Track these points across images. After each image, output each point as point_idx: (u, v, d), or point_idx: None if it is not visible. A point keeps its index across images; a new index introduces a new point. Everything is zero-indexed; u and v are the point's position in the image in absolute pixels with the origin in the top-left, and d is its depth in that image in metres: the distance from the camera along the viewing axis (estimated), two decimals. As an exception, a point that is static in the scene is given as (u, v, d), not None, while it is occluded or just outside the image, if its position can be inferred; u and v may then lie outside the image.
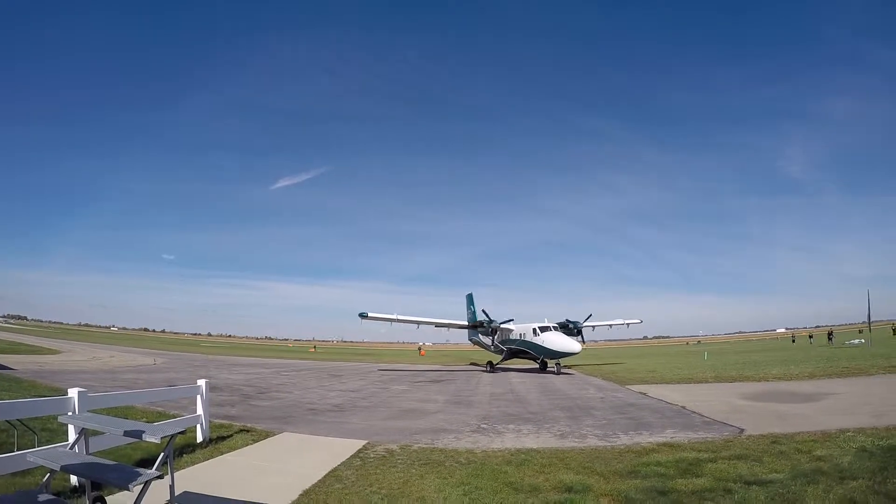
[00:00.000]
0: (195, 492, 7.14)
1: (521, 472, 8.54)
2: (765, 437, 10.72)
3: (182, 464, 8.70)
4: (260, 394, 20.58)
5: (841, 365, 27.16)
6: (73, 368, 28.50)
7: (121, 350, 55.61)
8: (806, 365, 29.20)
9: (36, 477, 6.82)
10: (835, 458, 8.62)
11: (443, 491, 7.46)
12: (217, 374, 29.47)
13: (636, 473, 8.31)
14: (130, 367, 32.26)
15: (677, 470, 8.38)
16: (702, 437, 11.28)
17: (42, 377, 21.10)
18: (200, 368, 34.18)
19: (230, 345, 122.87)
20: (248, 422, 13.44)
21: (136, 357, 43.80)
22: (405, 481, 8.02)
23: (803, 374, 23.92)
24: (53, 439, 8.29)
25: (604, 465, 8.96)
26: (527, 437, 12.22)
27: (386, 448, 10.55)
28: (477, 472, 8.61)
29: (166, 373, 29.53)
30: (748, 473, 7.99)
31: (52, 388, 16.99)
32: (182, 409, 13.80)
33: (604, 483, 7.78)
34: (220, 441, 10.85)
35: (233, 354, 63.35)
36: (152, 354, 49.13)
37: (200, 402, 11.08)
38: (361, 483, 7.88)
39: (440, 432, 12.74)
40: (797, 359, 36.44)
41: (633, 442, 11.14)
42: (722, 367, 33.92)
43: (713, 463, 8.75)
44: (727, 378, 25.13)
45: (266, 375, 31.12)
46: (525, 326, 40.33)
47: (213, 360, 48.33)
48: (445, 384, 27.26)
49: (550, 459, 9.47)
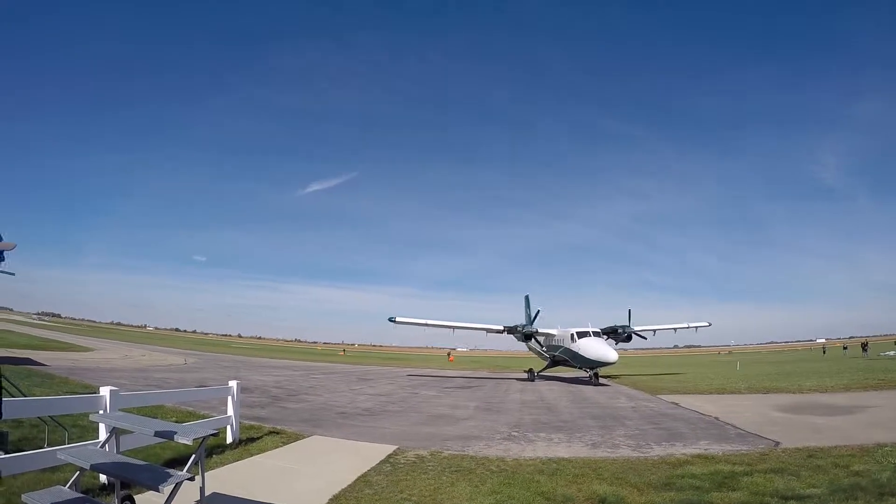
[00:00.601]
0: (224, 493, 7.17)
1: (553, 482, 8.44)
2: (801, 451, 10.46)
3: (211, 465, 8.73)
4: (290, 396, 20.70)
5: (877, 377, 26.57)
6: (105, 366, 28.97)
7: (152, 349, 56.40)
8: (841, 377, 28.62)
9: (66, 473, 6.86)
10: (873, 473, 8.39)
11: (474, 499, 7.40)
12: (247, 376, 29.70)
13: (671, 486, 8.16)
14: (162, 367, 32.70)
15: (713, 483, 8.21)
16: (736, 450, 11.06)
17: (74, 374, 21.43)
18: (230, 369, 34.52)
19: (260, 346, 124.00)
20: (277, 424, 13.49)
21: (167, 356, 44.40)
22: (436, 488, 7.96)
23: (838, 387, 23.42)
24: (85, 436, 8.38)
25: (637, 476, 8.82)
26: (558, 445, 12.11)
27: (416, 454, 10.50)
28: (508, 480, 8.53)
29: (197, 373, 29.90)
30: (785, 488, 7.79)
31: (84, 386, 17.24)
32: (212, 409, 13.89)
33: (638, 495, 7.65)
34: (250, 443, 10.90)
35: (262, 356, 63.87)
36: (183, 354, 49.78)
37: (231, 404, 11.14)
38: (392, 489, 7.84)
39: (471, 439, 12.69)
40: (832, 370, 35.74)
41: (666, 453, 10.96)
42: (755, 377, 33.39)
43: (749, 476, 8.55)
44: (760, 389, 24.70)
45: (295, 378, 31.32)
46: (565, 332, 37.69)
47: (243, 361, 48.80)
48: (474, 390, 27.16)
49: (583, 469, 9.35)
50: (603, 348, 34.93)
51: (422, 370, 48.86)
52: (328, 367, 46.03)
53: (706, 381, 32.53)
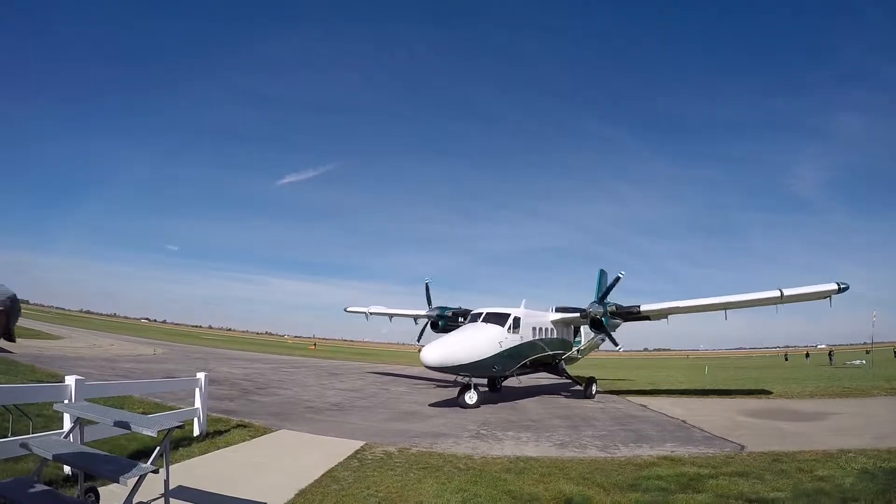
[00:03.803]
0: (190, 486, 7.07)
1: (520, 481, 8.46)
2: (766, 455, 10.61)
3: (178, 457, 8.63)
4: (259, 389, 20.54)
5: (842, 385, 27.04)
6: (72, 355, 28.51)
7: (121, 339, 55.60)
8: (807, 384, 29.10)
9: (29, 464, 6.75)
10: (837, 478, 8.53)
11: (441, 497, 7.38)
12: (216, 368, 29.42)
13: (637, 487, 8.21)
14: (130, 357, 32.25)
15: (678, 485, 8.29)
16: (702, 452, 11.19)
17: (41, 362, 21.05)
18: (199, 360, 34.13)
19: (229, 338, 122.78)
20: (246, 417, 13.38)
21: (136, 346, 43.78)
22: (403, 485, 7.94)
23: (804, 393, 23.80)
24: (50, 426, 8.22)
25: (604, 476, 8.86)
26: (526, 444, 12.17)
27: (384, 450, 10.48)
28: (476, 478, 8.53)
29: (165, 363, 29.54)
30: (750, 491, 7.89)
31: (50, 374, 16.95)
32: (180, 400, 13.73)
33: (604, 495, 7.69)
34: (217, 436, 10.79)
35: (232, 348, 63.30)
36: (152, 344, 49.10)
37: (199, 396, 11.00)
38: (359, 485, 7.80)
39: (439, 436, 12.69)
40: (798, 377, 36.32)
41: (633, 454, 11.06)
42: (722, 381, 33.89)
43: (714, 479, 8.65)
44: (727, 394, 25.05)
45: (265, 371, 31.08)
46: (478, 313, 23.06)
47: (213, 352, 48.31)
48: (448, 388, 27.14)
49: (550, 469, 9.39)
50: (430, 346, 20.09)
51: (392, 366, 48.73)
52: (298, 361, 45.75)
53: (674, 384, 32.90)
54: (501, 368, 21.45)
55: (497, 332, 20.90)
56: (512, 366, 21.92)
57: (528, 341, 22.40)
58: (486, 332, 20.91)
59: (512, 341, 21.24)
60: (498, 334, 20.83)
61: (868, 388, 24.54)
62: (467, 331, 21.41)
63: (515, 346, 21.49)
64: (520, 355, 22.01)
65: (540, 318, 23.81)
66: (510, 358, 21.43)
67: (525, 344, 22.10)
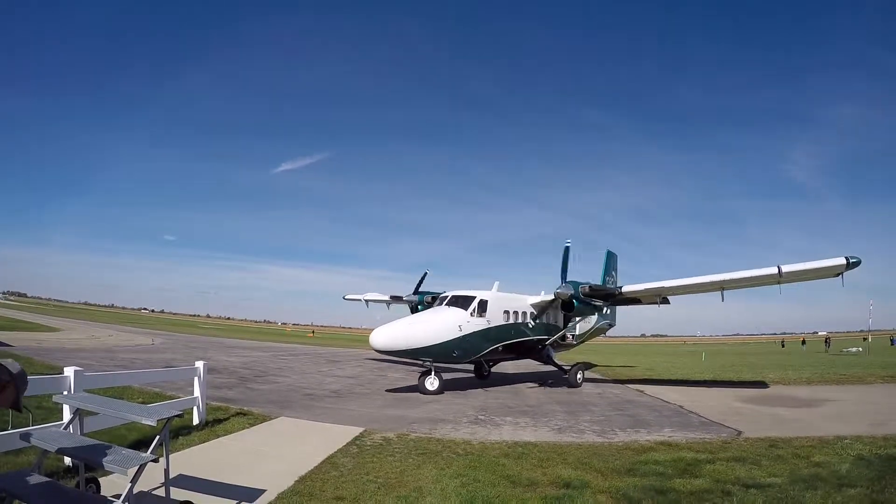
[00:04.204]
0: (190, 475, 7.11)
1: (518, 466, 8.52)
2: (763, 441, 10.68)
3: (178, 446, 8.65)
4: (257, 377, 20.57)
5: (839, 372, 27.25)
6: (71, 346, 28.50)
7: (120, 329, 55.64)
8: (804, 370, 29.27)
9: (29, 456, 6.77)
10: (833, 464, 8.60)
11: (440, 482, 7.41)
12: (215, 356, 29.43)
13: (634, 471, 8.27)
14: (129, 347, 32.29)
15: (675, 469, 8.34)
16: (700, 438, 11.26)
17: (39, 355, 21.10)
18: (198, 350, 34.14)
19: (228, 327, 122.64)
20: (245, 405, 13.42)
21: (134, 337, 43.79)
22: (402, 471, 7.99)
23: (801, 380, 23.95)
24: (49, 418, 8.23)
25: (602, 461, 8.92)
26: (524, 430, 12.23)
27: (383, 436, 10.54)
28: (474, 463, 8.59)
29: (164, 353, 29.54)
30: (746, 476, 7.94)
31: (48, 366, 16.96)
32: (179, 390, 13.76)
33: (602, 480, 7.74)
34: (217, 424, 10.82)
35: (231, 337, 63.26)
36: (151, 334, 49.10)
37: (198, 384, 11.02)
38: (358, 471, 7.85)
39: (437, 422, 12.74)
40: (795, 364, 36.49)
41: (630, 439, 11.12)
42: (719, 368, 34.01)
43: (711, 464, 8.71)
44: (725, 380, 25.17)
45: (264, 359, 31.11)
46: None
47: (211, 341, 48.29)
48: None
49: (548, 454, 9.45)
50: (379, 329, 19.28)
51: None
52: (297, 349, 45.79)
53: (672, 370, 33.02)
54: (463, 353, 20.18)
55: (457, 315, 20.03)
56: (478, 351, 20.74)
57: (498, 325, 21.20)
58: (444, 315, 20.15)
59: (475, 325, 20.24)
60: (458, 318, 19.92)
61: (864, 376, 24.77)
62: (425, 314, 21.03)
63: (480, 330, 20.41)
64: (487, 340, 20.85)
65: (516, 301, 22.52)
66: (474, 343, 20.33)
67: (494, 328, 20.98)
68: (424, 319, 20.12)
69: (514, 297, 22.73)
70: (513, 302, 22.31)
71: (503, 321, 21.45)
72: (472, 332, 20.06)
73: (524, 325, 22.45)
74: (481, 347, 20.74)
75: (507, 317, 21.66)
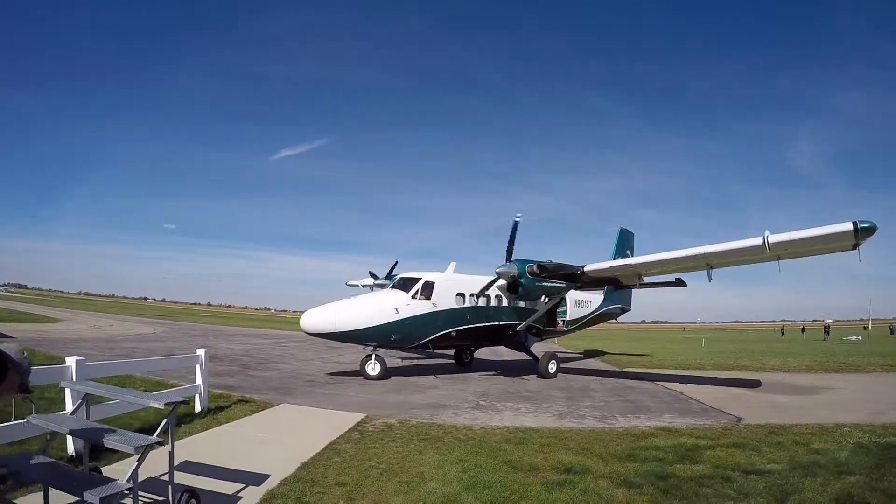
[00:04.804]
0: (195, 461, 7.16)
1: (520, 451, 8.56)
2: (762, 427, 10.76)
3: (180, 434, 8.68)
4: (259, 364, 20.62)
5: (838, 360, 27.37)
6: (72, 337, 28.52)
7: (121, 319, 55.73)
8: (803, 358, 29.38)
9: (32, 446, 6.76)
10: (832, 452, 8.67)
11: (441, 467, 7.46)
12: (216, 344, 29.51)
13: (634, 457, 8.32)
14: (130, 336, 32.36)
15: (676, 455, 8.40)
16: (700, 424, 11.32)
17: (41, 345, 21.12)
18: (199, 338, 34.23)
19: (229, 315, 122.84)
20: (246, 392, 13.47)
21: (135, 326, 43.85)
22: (404, 456, 8.03)
23: (800, 367, 24.08)
24: (52, 408, 8.25)
25: (602, 447, 8.97)
26: (525, 415, 12.28)
27: (384, 422, 10.58)
28: (476, 449, 8.63)
29: (165, 342, 29.61)
30: (746, 462, 8.00)
31: (50, 357, 16.94)
32: (181, 378, 13.79)
33: (602, 465, 7.79)
34: (219, 411, 10.86)
35: (232, 325, 63.32)
36: (152, 323, 49.21)
37: (199, 372, 11.06)
38: (360, 457, 7.89)
39: (438, 408, 12.79)
40: (794, 351, 36.61)
41: (631, 425, 11.20)
42: (719, 354, 34.13)
43: (711, 450, 8.76)
44: (725, 366, 25.30)
45: (265, 346, 31.17)
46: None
47: (212, 329, 48.37)
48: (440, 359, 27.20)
49: (549, 439, 9.50)
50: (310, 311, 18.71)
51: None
52: (298, 336, 45.74)
53: (671, 356, 33.07)
54: (404, 338, 19.15)
55: (396, 298, 19.23)
56: (422, 336, 19.55)
57: (448, 309, 20.00)
58: (381, 298, 19.62)
59: (416, 309, 19.23)
60: (396, 301, 19.08)
61: (864, 364, 24.89)
62: (363, 297, 20.37)
63: (423, 314, 19.37)
64: (433, 325, 19.67)
65: (475, 284, 20.96)
66: (417, 327, 19.31)
67: (442, 312, 19.82)
68: (359, 302, 19.35)
69: (473, 280, 21.29)
70: (470, 284, 21.01)
71: (455, 305, 20.28)
72: (412, 316, 19.17)
73: (485, 308, 21.24)
74: (426, 332, 19.63)
75: (461, 300, 20.48)
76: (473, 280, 21.15)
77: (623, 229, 30.63)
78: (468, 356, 24.71)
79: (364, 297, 20.06)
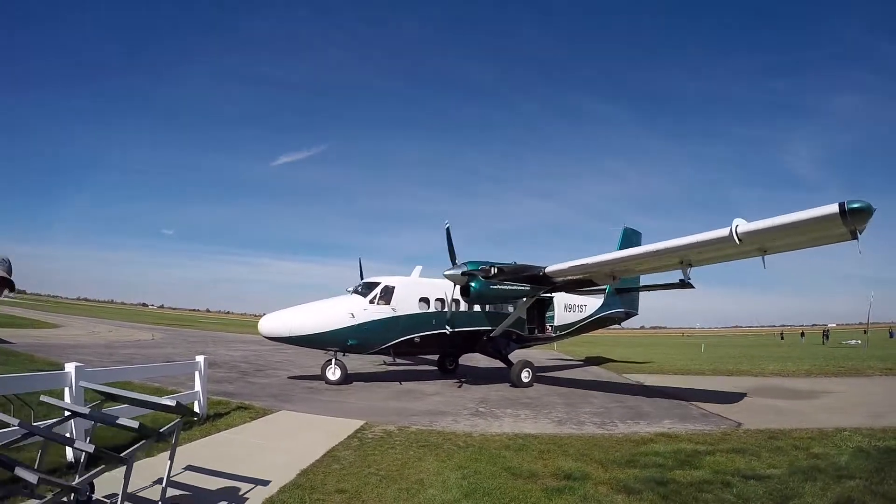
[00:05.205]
0: (196, 465, 7.17)
1: (519, 458, 8.55)
2: (762, 432, 10.76)
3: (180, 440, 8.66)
4: (258, 371, 20.62)
5: (838, 364, 27.39)
6: (71, 343, 28.50)
7: (119, 325, 55.60)
8: (803, 363, 29.38)
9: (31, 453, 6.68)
10: (832, 456, 8.68)
11: (441, 474, 7.45)
12: (215, 351, 29.49)
13: (634, 463, 8.31)
14: (129, 342, 32.28)
15: (675, 461, 8.39)
16: (699, 430, 11.31)
17: (39, 351, 21.07)
18: (198, 344, 34.18)
19: (228, 321, 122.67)
20: (246, 399, 13.45)
21: (134, 332, 43.82)
22: (403, 463, 8.02)
23: (800, 372, 24.09)
24: (51, 414, 8.23)
25: (602, 453, 8.97)
26: (525, 422, 12.28)
27: (384, 429, 10.56)
28: (475, 455, 8.62)
29: (164, 348, 29.59)
30: (746, 468, 8.00)
31: (49, 363, 16.93)
32: (179, 385, 13.75)
33: (602, 471, 7.78)
34: (218, 418, 10.84)
35: (231, 331, 63.27)
36: (150, 329, 49.19)
37: (199, 379, 11.05)
38: (360, 464, 7.88)
39: (437, 414, 12.79)
40: (794, 356, 36.62)
41: (631, 431, 11.19)
42: (719, 359, 34.13)
43: (711, 455, 8.77)
44: (724, 371, 25.33)
45: (263, 352, 31.10)
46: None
47: (211, 336, 48.32)
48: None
49: (548, 445, 9.49)
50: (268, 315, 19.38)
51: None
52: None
53: (671, 361, 33.07)
54: (361, 343, 18.92)
55: (352, 303, 19.07)
56: (381, 341, 19.24)
57: (410, 314, 19.56)
58: (337, 303, 19.33)
59: (374, 314, 18.94)
60: (352, 306, 18.90)
61: (863, 368, 24.92)
62: (321, 302, 19.74)
63: (381, 319, 19.03)
64: (393, 330, 19.27)
65: (443, 288, 19.95)
66: (375, 332, 18.97)
67: (403, 317, 19.41)
68: (316, 307, 19.18)
69: (438, 284, 20.26)
70: (435, 289, 20.32)
71: (418, 310, 19.82)
72: (370, 321, 18.84)
73: (455, 314, 20.29)
74: (386, 338, 19.27)
75: (425, 305, 20.00)
76: (439, 284, 20.25)
77: (628, 229, 29.40)
78: (451, 363, 24.03)
79: (322, 302, 19.66)
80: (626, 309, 28.65)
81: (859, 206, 11.20)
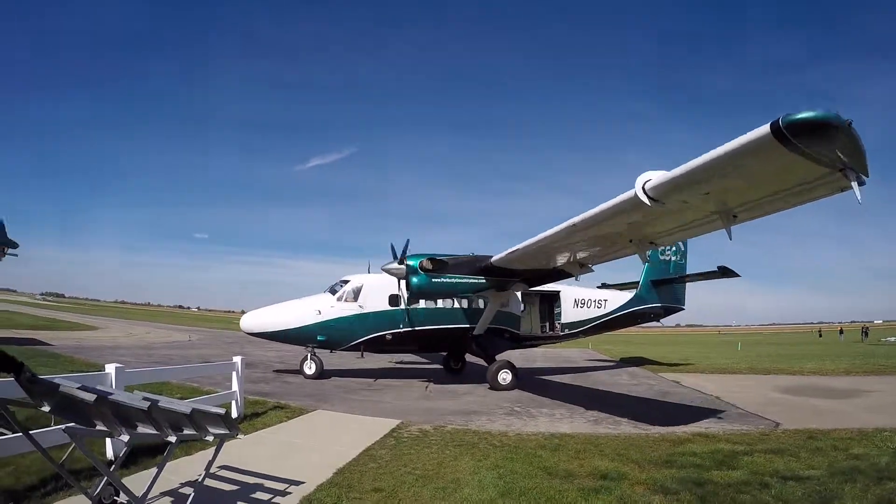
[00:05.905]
0: (232, 465, 7.28)
1: (555, 457, 8.54)
2: (801, 433, 10.61)
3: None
4: (293, 371, 20.78)
5: (878, 363, 26.85)
6: (109, 344, 29.07)
7: (156, 326, 56.46)
8: (841, 361, 28.82)
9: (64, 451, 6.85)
10: (872, 457, 8.54)
11: (477, 473, 7.49)
12: (251, 351, 29.73)
13: (671, 463, 8.25)
14: (166, 344, 32.80)
15: (713, 461, 8.32)
16: (737, 429, 11.18)
17: (80, 353, 21.53)
18: (234, 345, 34.53)
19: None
20: (282, 399, 13.62)
21: (171, 333, 44.43)
22: (439, 462, 8.08)
23: (839, 370, 23.62)
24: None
25: (639, 453, 8.92)
26: (560, 421, 12.25)
27: (419, 428, 10.65)
28: (511, 455, 8.64)
29: (201, 349, 30.03)
30: (784, 468, 7.91)
31: (89, 364, 17.31)
32: (216, 385, 13.97)
33: (639, 471, 7.74)
34: (255, 417, 11.01)
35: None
36: (187, 331, 49.83)
37: (235, 379, 11.23)
38: (396, 463, 7.96)
39: (472, 414, 12.83)
40: (832, 354, 35.91)
41: (667, 431, 11.07)
42: (755, 358, 33.60)
43: (749, 456, 8.68)
44: (761, 370, 24.91)
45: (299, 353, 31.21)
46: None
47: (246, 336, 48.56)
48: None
49: (585, 445, 9.47)
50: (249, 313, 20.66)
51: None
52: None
53: (707, 360, 32.64)
54: (329, 339, 19.29)
55: (320, 301, 19.48)
56: (351, 338, 19.32)
57: (378, 312, 19.47)
58: (308, 300, 19.75)
59: (341, 311, 19.23)
60: (319, 303, 19.33)
61: (904, 366, 24.31)
62: (296, 300, 20.07)
63: (349, 315, 19.26)
64: (362, 327, 19.32)
65: None
66: (344, 329, 19.20)
67: (371, 314, 19.40)
68: (289, 304, 19.83)
69: None
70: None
71: (388, 307, 19.62)
72: (336, 318, 19.21)
73: (430, 311, 19.95)
74: (353, 335, 19.38)
75: (396, 302, 19.66)
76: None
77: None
78: (457, 362, 23.09)
79: (298, 300, 20.01)
80: (665, 303, 25.83)
81: (805, 116, 6.65)
